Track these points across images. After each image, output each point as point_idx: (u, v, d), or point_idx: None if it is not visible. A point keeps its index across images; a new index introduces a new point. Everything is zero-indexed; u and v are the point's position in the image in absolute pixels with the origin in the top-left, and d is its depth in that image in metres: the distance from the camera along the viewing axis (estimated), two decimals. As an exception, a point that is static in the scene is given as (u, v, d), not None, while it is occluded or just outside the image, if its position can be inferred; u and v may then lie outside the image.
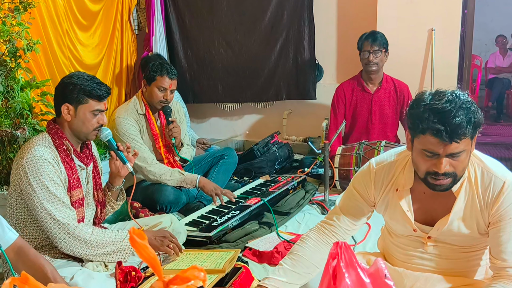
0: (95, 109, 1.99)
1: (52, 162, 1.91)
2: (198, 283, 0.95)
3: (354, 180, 1.65)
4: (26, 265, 1.60)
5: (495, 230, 1.43)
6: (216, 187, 2.93)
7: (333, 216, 1.64)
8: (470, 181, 1.46)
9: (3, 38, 2.64)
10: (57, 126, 2.00)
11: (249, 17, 4.34)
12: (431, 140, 1.33)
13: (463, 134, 1.30)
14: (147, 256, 0.95)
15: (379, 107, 3.54)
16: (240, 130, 4.78)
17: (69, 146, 1.99)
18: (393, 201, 1.56)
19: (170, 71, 2.96)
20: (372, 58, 3.42)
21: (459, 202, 1.46)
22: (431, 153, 1.35)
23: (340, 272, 1.21)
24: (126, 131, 2.91)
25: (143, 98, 3.01)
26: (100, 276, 1.91)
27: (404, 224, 1.55)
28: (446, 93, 1.35)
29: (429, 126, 1.32)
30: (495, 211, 1.42)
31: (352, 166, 3.24)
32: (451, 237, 1.50)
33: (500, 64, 7.39)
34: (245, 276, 2.07)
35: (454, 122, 1.29)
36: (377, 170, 1.58)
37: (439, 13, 3.75)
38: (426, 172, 1.40)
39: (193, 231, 2.52)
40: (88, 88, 1.96)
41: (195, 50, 4.52)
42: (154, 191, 2.91)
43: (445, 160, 1.34)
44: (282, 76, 4.37)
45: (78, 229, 1.91)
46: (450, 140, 1.30)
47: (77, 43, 3.57)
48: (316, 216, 2.95)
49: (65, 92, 1.97)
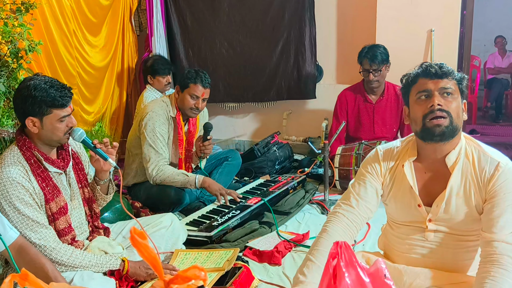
0: (61, 117, 1.88)
1: (22, 180, 1.82)
2: (199, 282, 0.94)
3: (363, 164, 1.73)
4: (27, 263, 1.60)
5: (490, 206, 1.48)
6: (221, 188, 2.93)
7: (351, 202, 1.66)
8: (468, 159, 1.55)
9: (5, 39, 2.64)
10: (24, 137, 1.89)
11: (251, 17, 4.35)
12: (422, 82, 1.55)
13: (448, 72, 1.53)
14: (148, 256, 0.94)
15: (381, 117, 3.55)
16: (241, 130, 4.80)
17: (38, 156, 1.90)
18: (399, 176, 1.64)
19: (204, 80, 2.93)
20: (373, 77, 3.41)
21: (455, 176, 1.54)
22: (425, 91, 1.54)
23: (340, 271, 1.21)
24: (155, 127, 2.89)
25: (176, 102, 3.01)
26: (101, 276, 1.91)
27: (409, 201, 1.60)
28: None
29: (419, 70, 1.57)
30: (490, 187, 1.49)
31: (352, 166, 3.26)
32: (451, 218, 1.55)
33: (499, 64, 7.39)
34: (246, 275, 2.08)
35: (440, 64, 1.55)
36: (384, 152, 1.70)
37: (438, 14, 3.77)
38: (423, 116, 1.52)
39: (193, 231, 2.53)
40: (48, 99, 1.83)
41: (197, 51, 4.53)
42: (158, 191, 2.91)
43: (437, 95, 1.51)
44: (283, 76, 4.38)
45: (55, 252, 1.82)
46: (437, 75, 1.52)
47: (85, 43, 3.59)
48: (316, 216, 2.96)
49: (26, 106, 1.83)
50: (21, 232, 1.77)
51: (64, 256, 1.84)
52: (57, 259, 1.82)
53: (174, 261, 2.21)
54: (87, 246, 2.03)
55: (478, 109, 6.73)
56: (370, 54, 3.38)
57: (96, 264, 1.90)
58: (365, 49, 3.43)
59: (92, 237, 2.10)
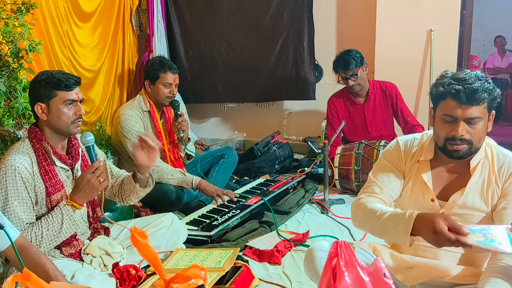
0: (66, 100, 1.93)
1: (24, 170, 1.86)
2: (199, 281, 0.95)
3: (384, 155, 1.75)
4: (28, 263, 1.60)
5: (504, 202, 1.52)
6: (217, 189, 2.94)
7: (374, 190, 1.67)
8: (487, 158, 1.58)
9: (6, 39, 2.65)
10: (36, 129, 1.96)
11: (250, 18, 4.35)
12: (451, 104, 1.48)
13: (480, 98, 1.45)
14: (148, 255, 0.94)
15: (372, 116, 3.57)
16: (240, 131, 4.81)
17: (48, 147, 1.94)
18: (415, 172, 1.66)
19: (171, 66, 3.02)
20: (352, 83, 3.42)
21: (475, 177, 1.56)
22: (451, 117, 1.49)
23: (340, 270, 1.22)
24: (131, 127, 2.93)
25: (147, 96, 3.03)
26: (101, 276, 1.92)
27: (422, 195, 1.63)
28: (467, 70, 1.52)
29: (450, 89, 1.48)
30: (507, 185, 1.53)
31: (352, 165, 3.27)
32: (465, 214, 1.57)
33: (499, 64, 7.39)
34: (246, 274, 2.08)
35: (472, 86, 1.45)
36: (404, 142, 1.72)
37: (438, 14, 3.78)
38: (445, 138, 1.52)
39: (193, 230, 2.54)
40: (53, 80, 1.92)
41: (197, 51, 4.54)
42: (156, 190, 2.88)
43: (463, 124, 1.48)
44: (282, 76, 4.38)
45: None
46: (468, 102, 1.45)
47: (75, 43, 3.58)
48: (316, 215, 2.97)
49: (34, 92, 1.94)
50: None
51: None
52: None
53: (172, 258, 2.21)
54: (87, 246, 2.04)
55: (477, 109, 6.74)
56: (341, 62, 3.40)
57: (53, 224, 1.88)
58: (337, 58, 3.46)
59: (93, 237, 2.11)
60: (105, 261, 2.03)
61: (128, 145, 2.95)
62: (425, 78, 3.90)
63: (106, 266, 2.02)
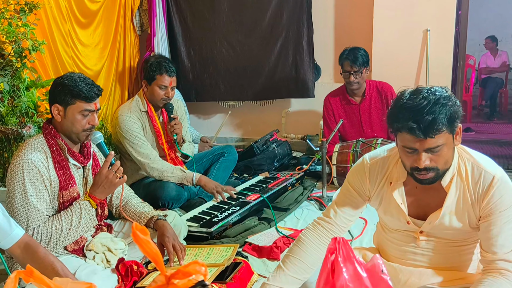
0: (83, 110, 1.96)
1: (40, 165, 1.90)
2: (199, 277, 0.96)
3: (349, 176, 1.68)
4: (36, 262, 1.60)
5: (486, 224, 1.45)
6: (217, 185, 2.96)
7: (329, 212, 1.68)
8: (461, 176, 1.48)
9: (9, 38, 2.68)
10: (51, 126, 2.00)
11: (250, 17, 4.39)
12: (407, 137, 1.38)
13: (437, 129, 1.33)
14: (149, 251, 0.95)
15: (368, 116, 3.58)
16: (240, 129, 4.85)
17: (62, 144, 1.98)
18: (387, 194, 1.58)
19: (168, 69, 2.97)
20: (353, 79, 3.43)
21: (450, 196, 1.48)
22: (410, 149, 1.40)
23: (338, 266, 1.25)
24: (129, 128, 2.95)
25: (145, 96, 3.05)
26: (103, 272, 1.93)
27: (398, 217, 1.58)
28: (423, 90, 1.38)
29: (403, 125, 1.36)
30: (485, 205, 1.44)
31: (349, 163, 3.30)
32: (443, 231, 1.53)
33: (492, 64, 7.38)
34: (245, 270, 2.11)
35: (426, 119, 1.32)
36: (371, 164, 1.61)
37: (434, 14, 3.81)
38: (410, 168, 1.45)
39: (194, 227, 2.56)
40: (76, 90, 1.94)
41: (198, 50, 4.57)
42: (157, 188, 2.94)
43: (424, 155, 1.38)
44: (282, 75, 4.41)
45: (36, 232, 1.88)
46: (424, 136, 1.34)
47: (78, 43, 3.61)
48: (314, 212, 2.99)
49: (55, 93, 1.97)
50: (16, 212, 1.85)
51: (45, 238, 1.89)
52: (38, 239, 1.87)
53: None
54: (89, 242, 2.05)
55: (473, 107, 6.78)
56: (351, 56, 3.40)
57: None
58: (346, 51, 3.45)
59: (96, 234, 2.12)
60: (108, 257, 2.04)
61: (128, 145, 2.98)
62: (421, 78, 3.94)
63: (109, 262, 2.03)
